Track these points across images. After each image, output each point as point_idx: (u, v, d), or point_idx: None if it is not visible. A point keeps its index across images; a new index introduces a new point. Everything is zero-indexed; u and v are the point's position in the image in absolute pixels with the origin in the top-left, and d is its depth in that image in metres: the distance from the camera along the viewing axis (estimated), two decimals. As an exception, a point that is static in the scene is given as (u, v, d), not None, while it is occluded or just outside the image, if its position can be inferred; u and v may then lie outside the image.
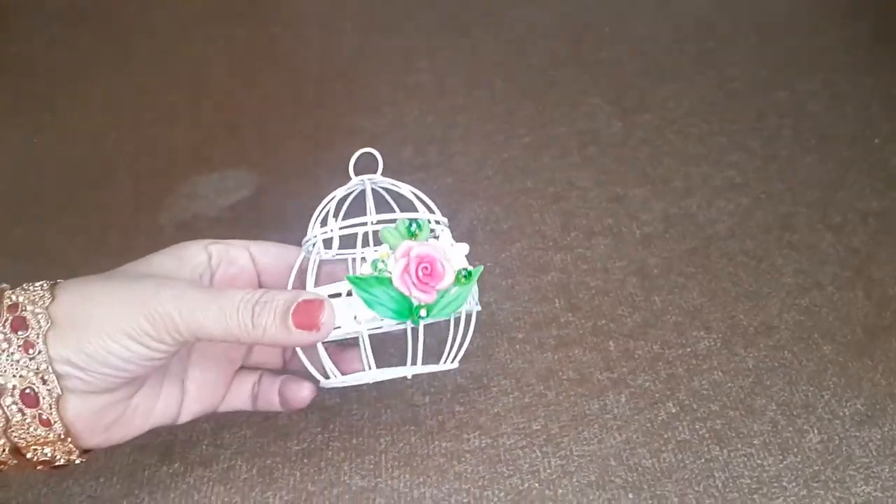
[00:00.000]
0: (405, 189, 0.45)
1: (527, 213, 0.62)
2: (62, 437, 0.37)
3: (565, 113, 0.72)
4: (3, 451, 0.37)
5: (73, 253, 0.61)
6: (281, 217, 0.63)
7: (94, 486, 0.47)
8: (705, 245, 0.59)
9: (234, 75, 0.80)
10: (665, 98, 0.73)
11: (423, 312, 0.40)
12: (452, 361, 0.44)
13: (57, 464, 0.39)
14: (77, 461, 0.39)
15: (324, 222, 0.44)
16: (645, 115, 0.71)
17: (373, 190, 0.45)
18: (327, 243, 0.46)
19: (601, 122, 0.71)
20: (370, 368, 0.42)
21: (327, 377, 0.43)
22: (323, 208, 0.44)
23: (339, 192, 0.45)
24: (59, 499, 0.46)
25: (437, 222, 0.44)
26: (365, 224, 0.42)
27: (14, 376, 0.36)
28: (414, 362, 0.42)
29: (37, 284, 0.38)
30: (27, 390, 0.36)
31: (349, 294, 0.41)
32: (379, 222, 0.42)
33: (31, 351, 0.36)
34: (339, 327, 0.40)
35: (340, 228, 0.42)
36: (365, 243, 0.47)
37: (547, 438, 0.48)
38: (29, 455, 0.38)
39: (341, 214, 0.44)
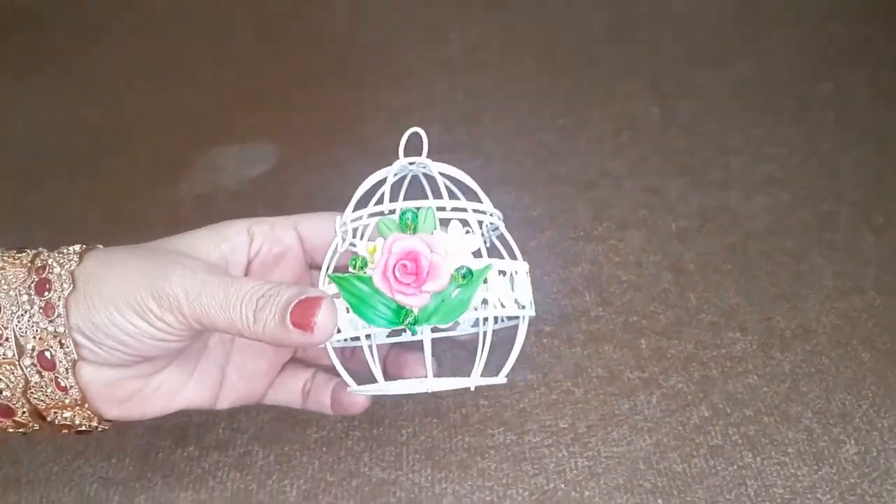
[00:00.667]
0: (454, 173, 0.40)
1: (558, 200, 0.60)
2: (79, 402, 0.37)
3: (601, 96, 0.69)
4: (24, 412, 0.37)
5: (90, 222, 0.59)
6: (304, 193, 0.62)
7: (105, 466, 0.45)
8: (743, 242, 0.57)
9: (258, 42, 0.78)
10: (705, 84, 0.70)
11: (410, 318, 0.34)
12: (497, 375, 0.38)
13: (80, 429, 0.38)
14: (100, 428, 0.38)
15: (362, 206, 0.39)
16: (684, 101, 0.68)
17: (424, 175, 0.41)
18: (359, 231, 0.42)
19: (639, 106, 0.68)
20: (381, 380, 0.36)
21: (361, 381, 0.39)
22: (367, 191, 0.39)
23: (379, 175, 0.39)
24: (69, 478, 0.45)
25: (485, 213, 0.38)
26: (389, 212, 0.37)
27: (34, 338, 0.35)
28: (433, 373, 0.37)
29: (71, 248, 0.38)
30: (45, 353, 0.35)
31: None
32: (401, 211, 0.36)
33: (51, 314, 0.35)
34: (339, 331, 0.36)
35: (356, 219, 0.37)
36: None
37: (574, 437, 0.46)
38: (49, 418, 0.37)
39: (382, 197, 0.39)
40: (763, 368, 0.50)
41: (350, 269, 0.35)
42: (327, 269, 0.38)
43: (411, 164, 0.39)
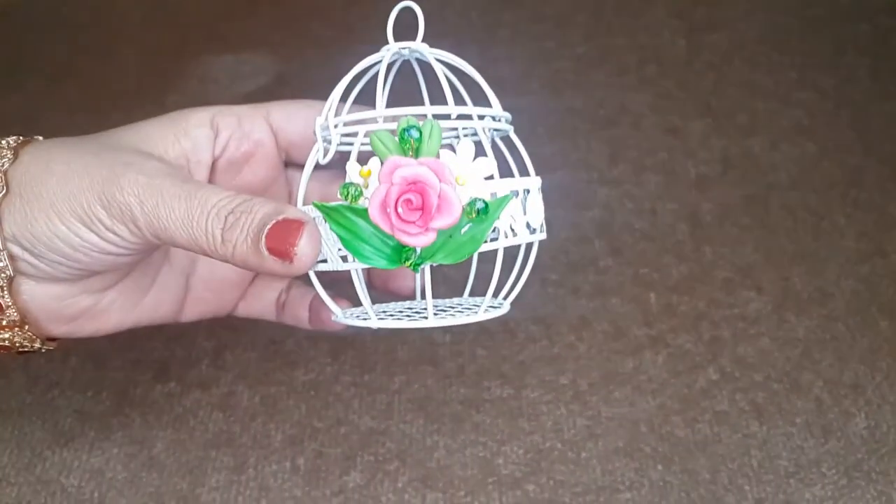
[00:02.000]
0: (453, 61, 0.34)
1: (572, 137, 0.57)
2: (18, 322, 0.32)
3: (626, 23, 0.65)
4: None
5: (72, 132, 0.55)
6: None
7: (81, 399, 0.43)
8: (764, 194, 0.54)
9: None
10: (736, 18, 0.65)
11: (413, 257, 0.30)
12: (497, 304, 0.34)
13: (20, 350, 0.34)
14: (42, 349, 0.34)
15: (346, 101, 0.34)
16: (713, 35, 0.64)
17: (420, 62, 0.35)
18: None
19: (664, 38, 0.64)
20: (373, 316, 0.32)
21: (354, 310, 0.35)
22: (349, 82, 0.33)
23: (365, 63, 0.33)
24: (43, 410, 0.43)
25: (493, 119, 0.33)
26: (374, 120, 0.31)
27: None
28: (434, 310, 0.33)
29: (4, 141, 0.32)
30: None
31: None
32: (386, 118, 0.31)
33: None
34: (324, 261, 0.31)
35: (344, 125, 0.31)
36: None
37: (574, 395, 0.44)
38: None
39: (385, 94, 0.34)
40: (776, 332, 0.47)
41: (339, 197, 0.30)
42: (304, 178, 0.32)
43: (403, 49, 0.33)
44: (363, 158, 0.30)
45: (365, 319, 0.33)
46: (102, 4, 0.65)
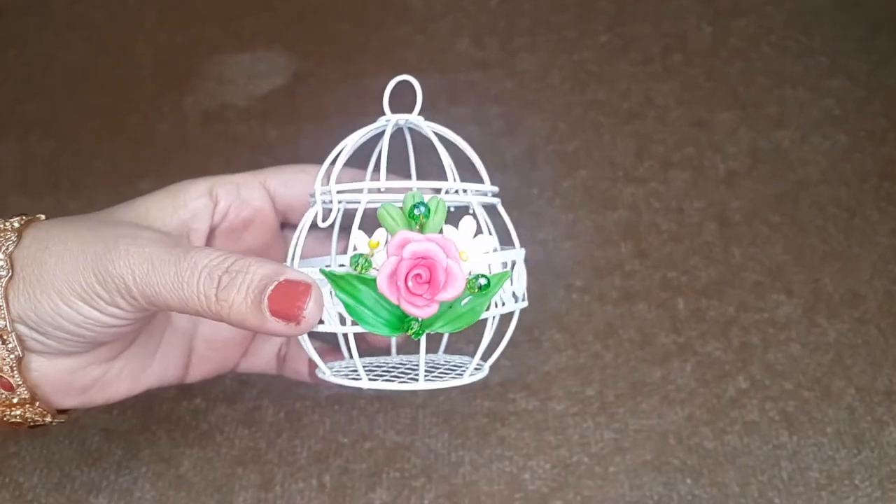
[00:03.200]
0: (447, 134, 0.35)
1: (596, 132, 0.55)
2: (28, 400, 0.33)
3: (649, 10, 0.62)
4: None
5: (88, 138, 0.55)
6: (318, 110, 0.57)
7: (107, 418, 0.43)
8: (795, 190, 0.53)
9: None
10: (764, 1, 0.63)
11: (415, 326, 0.31)
12: (476, 369, 0.35)
13: (32, 425, 0.35)
14: (55, 422, 0.35)
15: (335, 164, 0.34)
16: (740, 20, 0.62)
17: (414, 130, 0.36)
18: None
19: (689, 24, 0.62)
20: (364, 377, 0.33)
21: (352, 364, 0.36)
22: (339, 153, 0.34)
23: (358, 134, 0.35)
24: (70, 430, 0.43)
25: (485, 194, 0.34)
26: (365, 190, 0.32)
27: None
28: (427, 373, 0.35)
29: (7, 224, 0.33)
30: None
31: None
32: (387, 189, 0.32)
33: None
34: (322, 322, 0.32)
35: (339, 192, 0.33)
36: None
37: (601, 407, 0.44)
38: None
39: (375, 163, 0.36)
40: (806, 337, 0.46)
41: (347, 266, 0.31)
42: (297, 239, 0.33)
43: (400, 120, 0.35)
44: (363, 224, 0.32)
45: (356, 379, 0.34)
46: (116, 2, 0.64)
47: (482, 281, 0.31)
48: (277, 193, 0.38)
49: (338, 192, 0.33)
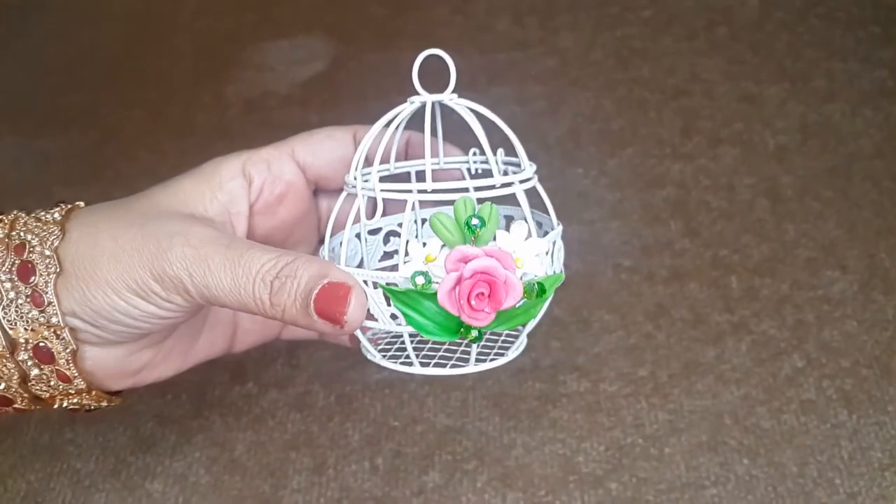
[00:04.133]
0: (482, 111, 0.34)
1: (641, 109, 0.54)
2: (85, 389, 0.34)
3: (692, -16, 0.61)
4: (24, 400, 0.34)
5: (131, 129, 0.55)
6: (358, 95, 0.56)
7: (160, 404, 0.44)
8: (847, 164, 0.51)
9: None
10: (811, -29, 0.62)
11: (474, 333, 0.31)
12: (516, 349, 0.35)
13: (88, 409, 0.36)
14: (109, 406, 0.36)
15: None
16: (786, -9, 0.60)
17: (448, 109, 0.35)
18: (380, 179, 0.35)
19: (734, -3, 0.60)
20: (414, 363, 0.34)
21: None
22: (374, 136, 0.34)
23: (396, 112, 0.34)
24: (123, 416, 0.43)
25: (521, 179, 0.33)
26: (410, 191, 0.32)
27: (25, 329, 0.32)
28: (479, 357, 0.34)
29: (48, 216, 0.33)
30: (41, 345, 0.32)
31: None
32: (434, 191, 0.31)
33: (40, 303, 0.32)
34: (374, 318, 0.33)
35: (378, 181, 0.32)
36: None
37: (654, 388, 0.43)
38: (56, 405, 0.35)
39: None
40: (863, 313, 0.45)
41: (407, 283, 0.31)
42: (329, 226, 0.34)
43: (434, 101, 0.33)
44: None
45: (407, 363, 0.34)
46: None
47: (536, 288, 0.31)
48: (307, 164, 0.38)
49: (381, 191, 0.32)
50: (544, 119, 0.54)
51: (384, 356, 0.35)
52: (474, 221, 0.30)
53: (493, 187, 0.32)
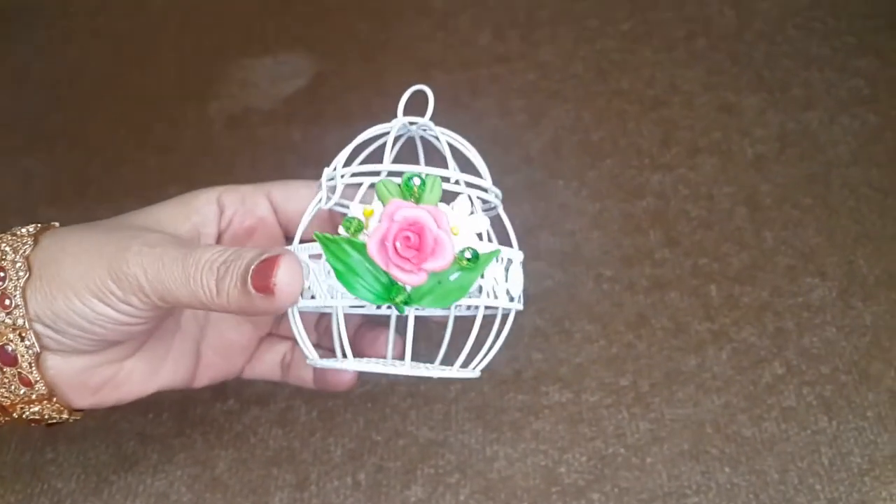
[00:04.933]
0: (458, 141, 0.35)
1: (620, 121, 0.55)
2: (46, 396, 0.34)
3: (670, -4, 0.62)
4: None
5: (115, 147, 0.55)
6: (342, 111, 0.57)
7: (142, 422, 0.43)
8: (825, 171, 0.52)
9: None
10: (787, -19, 0.62)
11: (401, 298, 0.31)
12: (473, 368, 0.34)
13: (50, 422, 0.36)
14: (71, 419, 0.36)
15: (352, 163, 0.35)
16: (763, 2, 0.61)
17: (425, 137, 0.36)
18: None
19: (712, 7, 0.61)
20: (345, 356, 0.33)
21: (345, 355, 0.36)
22: (355, 146, 0.35)
23: (374, 132, 0.35)
24: (105, 434, 0.43)
25: (485, 192, 0.34)
26: (378, 174, 0.32)
27: None
28: (412, 356, 0.33)
29: (24, 229, 0.35)
30: (5, 347, 0.33)
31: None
32: (391, 174, 0.32)
33: (7, 305, 0.33)
34: (314, 297, 0.32)
35: (350, 175, 0.33)
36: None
37: (636, 397, 0.43)
38: (16, 414, 0.35)
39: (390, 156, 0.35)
40: (842, 320, 0.46)
41: (341, 231, 0.31)
42: (302, 224, 0.34)
43: (412, 124, 0.35)
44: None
45: (342, 361, 0.34)
46: (139, 9, 0.65)
47: (470, 253, 0.30)
48: (280, 206, 0.39)
49: (342, 176, 0.33)
50: (526, 132, 0.55)
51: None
52: (415, 181, 0.30)
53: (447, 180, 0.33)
